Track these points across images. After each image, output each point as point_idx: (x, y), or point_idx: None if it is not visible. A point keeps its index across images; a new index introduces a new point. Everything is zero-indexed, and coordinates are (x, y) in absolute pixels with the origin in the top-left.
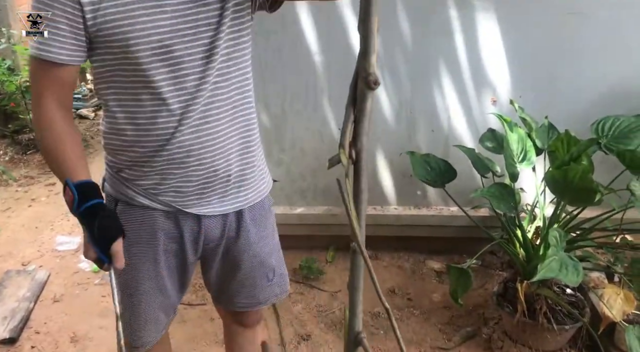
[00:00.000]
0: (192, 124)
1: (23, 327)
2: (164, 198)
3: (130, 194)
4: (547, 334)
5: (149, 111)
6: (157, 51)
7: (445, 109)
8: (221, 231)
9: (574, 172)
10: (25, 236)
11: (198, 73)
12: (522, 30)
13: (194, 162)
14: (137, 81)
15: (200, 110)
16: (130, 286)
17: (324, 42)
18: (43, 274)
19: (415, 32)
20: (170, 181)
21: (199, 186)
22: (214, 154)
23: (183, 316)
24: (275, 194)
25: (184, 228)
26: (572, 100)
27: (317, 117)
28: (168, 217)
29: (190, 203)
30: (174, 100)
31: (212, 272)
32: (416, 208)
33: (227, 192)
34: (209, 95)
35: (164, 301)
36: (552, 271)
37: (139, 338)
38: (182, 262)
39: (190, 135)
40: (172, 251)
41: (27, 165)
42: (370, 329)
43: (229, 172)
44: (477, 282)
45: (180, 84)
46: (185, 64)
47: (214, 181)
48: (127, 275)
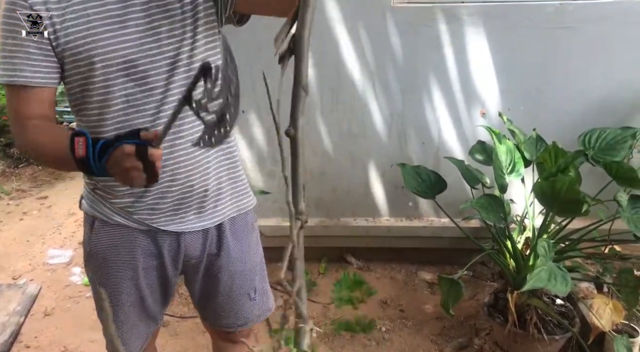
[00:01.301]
0: (166, 139)
1: (13, 341)
2: (139, 217)
3: (106, 212)
4: (537, 344)
5: (115, 129)
6: (121, 66)
7: (436, 121)
8: (202, 247)
9: (562, 184)
10: (17, 249)
11: (163, 87)
12: (510, 45)
13: (167, 178)
14: (103, 99)
15: (173, 129)
16: (109, 301)
17: (316, 57)
18: (34, 287)
19: (406, 45)
20: (146, 199)
21: (175, 202)
22: (188, 169)
23: (175, 328)
24: (268, 206)
25: (163, 246)
26: (560, 113)
27: (308, 129)
28: (146, 235)
29: (167, 220)
30: (139, 115)
31: (195, 287)
32: (408, 219)
33: (205, 207)
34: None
35: (145, 315)
36: (541, 281)
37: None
38: (163, 278)
39: (164, 151)
40: (152, 267)
41: (19, 178)
42: (364, 341)
43: (206, 187)
44: (468, 293)
45: (146, 98)
46: (150, 78)
47: (190, 197)
48: (106, 290)
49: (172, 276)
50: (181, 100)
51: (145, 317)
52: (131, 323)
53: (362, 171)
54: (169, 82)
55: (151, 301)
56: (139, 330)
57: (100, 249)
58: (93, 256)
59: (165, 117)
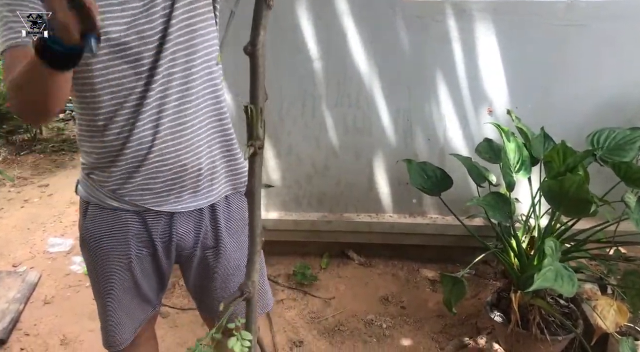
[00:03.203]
0: (150, 118)
1: (12, 328)
2: (130, 198)
3: (100, 196)
4: (539, 344)
5: (108, 105)
6: (114, 49)
7: (442, 118)
8: (194, 238)
9: (570, 183)
10: (17, 237)
11: (149, 63)
12: (519, 42)
13: (156, 158)
14: (94, 76)
15: (155, 102)
16: (104, 290)
17: (323, 48)
18: (34, 275)
19: (414, 40)
20: (137, 179)
21: (167, 182)
22: (178, 148)
23: (175, 320)
24: (270, 199)
25: (155, 234)
26: (568, 112)
27: (314, 124)
28: (138, 221)
29: (160, 201)
30: (127, 92)
31: (189, 278)
32: (411, 216)
33: (200, 186)
34: (164, 88)
35: (140, 302)
36: (548, 281)
37: (113, 339)
38: (156, 266)
39: (149, 131)
40: (145, 255)
41: (21, 166)
42: (364, 337)
43: (199, 166)
44: (470, 291)
45: (135, 75)
46: (142, 60)
47: (183, 176)
48: (100, 281)
49: (166, 265)
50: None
51: (140, 302)
52: (126, 307)
53: (366, 166)
54: (155, 58)
55: (146, 288)
56: (133, 314)
57: (94, 234)
58: (87, 241)
59: (149, 98)
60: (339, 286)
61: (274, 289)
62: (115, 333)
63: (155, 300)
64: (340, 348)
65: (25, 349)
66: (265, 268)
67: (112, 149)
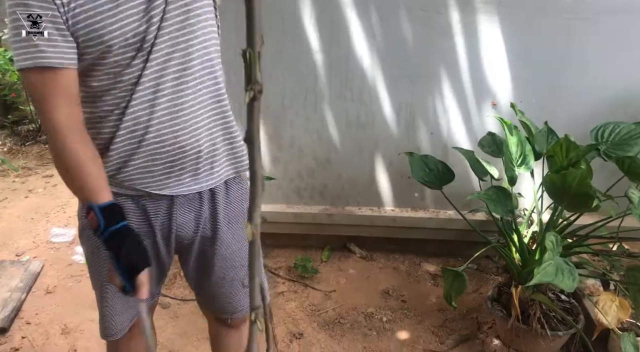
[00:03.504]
0: (145, 98)
1: (14, 317)
2: (130, 182)
3: None
4: (540, 339)
5: (103, 85)
6: (130, 41)
7: (445, 111)
8: (194, 227)
9: (573, 177)
10: (21, 226)
11: (151, 45)
12: (524, 35)
13: (154, 139)
14: (99, 63)
15: (151, 83)
16: (102, 281)
17: (325, 41)
18: (37, 265)
19: (417, 33)
20: (135, 162)
21: (167, 164)
22: (174, 130)
23: (176, 311)
24: (272, 192)
25: (155, 223)
26: (573, 106)
27: (316, 117)
28: (138, 209)
29: (160, 185)
30: (130, 74)
31: (189, 270)
32: (413, 210)
33: (200, 169)
34: (161, 68)
35: None
36: (548, 276)
37: (110, 329)
38: (156, 256)
39: (144, 111)
40: (145, 245)
41: (26, 156)
42: (364, 330)
43: (198, 147)
44: (472, 286)
45: (137, 58)
46: (146, 43)
47: (182, 158)
48: (99, 270)
49: (165, 255)
50: None
51: None
52: (123, 298)
53: (368, 160)
54: (153, 36)
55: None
56: (131, 305)
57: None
58: (85, 234)
59: (145, 77)
60: (339, 279)
61: (275, 281)
62: (112, 323)
63: (154, 291)
64: (340, 341)
65: (26, 338)
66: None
67: (109, 130)
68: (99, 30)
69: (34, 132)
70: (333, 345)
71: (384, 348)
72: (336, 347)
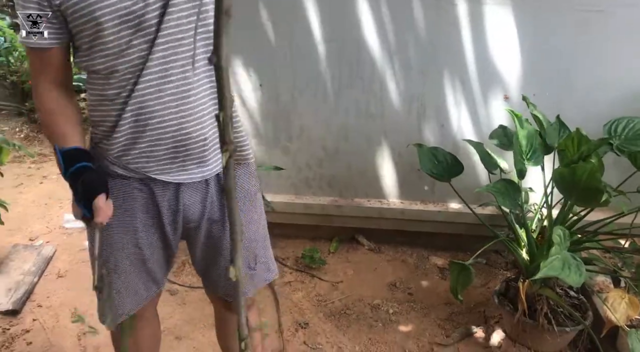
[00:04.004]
0: (151, 83)
1: (26, 300)
2: (135, 166)
3: (106, 164)
4: (547, 335)
5: (110, 66)
6: (124, 19)
7: (457, 104)
8: (201, 210)
9: (582, 171)
10: (35, 211)
11: (154, 26)
12: (539, 27)
13: (158, 124)
14: (99, 43)
15: (158, 68)
16: (109, 262)
17: (336, 31)
18: (49, 249)
19: (430, 23)
20: (141, 145)
21: (170, 150)
22: (180, 115)
23: (184, 298)
24: (281, 182)
25: (161, 204)
26: (587, 100)
27: (325, 107)
28: (145, 190)
29: (164, 169)
30: (132, 55)
31: (196, 253)
32: (422, 203)
33: (206, 156)
34: (168, 54)
35: (144, 275)
36: (554, 270)
37: (115, 312)
38: (162, 238)
39: (151, 95)
40: (151, 225)
41: (41, 143)
42: (369, 321)
43: (204, 135)
44: (480, 280)
45: (137, 39)
46: (144, 23)
47: (187, 145)
48: (106, 251)
49: (172, 238)
50: None
51: (144, 279)
52: (128, 281)
53: (377, 151)
54: (158, 21)
55: (152, 262)
56: (135, 290)
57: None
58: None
59: (151, 61)
60: (347, 270)
61: (282, 270)
62: (119, 306)
63: (160, 278)
64: (346, 331)
65: (37, 320)
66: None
67: (116, 113)
68: (90, 7)
69: None
70: (338, 335)
71: (390, 340)
72: (342, 338)
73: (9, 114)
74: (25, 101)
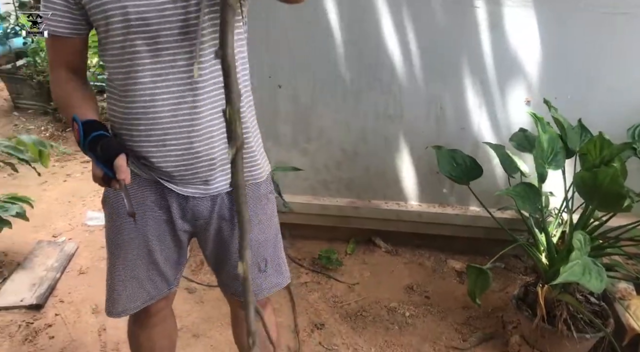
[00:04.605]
0: (167, 102)
1: (49, 295)
2: (148, 171)
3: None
4: (566, 341)
5: (125, 78)
6: (134, 24)
7: (477, 107)
8: (210, 207)
9: (604, 175)
10: (58, 209)
11: (173, 48)
12: (562, 29)
13: (170, 141)
14: (118, 53)
15: (175, 88)
16: (116, 251)
17: (355, 32)
18: (72, 246)
19: (451, 25)
20: (153, 159)
21: (179, 167)
22: (192, 135)
23: (202, 296)
24: (299, 183)
25: (171, 199)
26: (610, 104)
27: (345, 108)
28: (155, 186)
29: (174, 181)
30: (146, 73)
31: (207, 252)
32: (440, 206)
33: (213, 175)
34: (185, 76)
35: (155, 272)
36: (575, 275)
37: (114, 306)
38: (173, 233)
39: (166, 114)
40: (162, 219)
41: (66, 142)
42: (386, 324)
43: (212, 155)
44: (498, 285)
45: (155, 58)
46: (161, 38)
47: (195, 164)
48: (114, 240)
49: (182, 233)
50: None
51: (154, 275)
52: (135, 273)
53: (396, 154)
54: (179, 45)
55: (161, 258)
56: (142, 286)
57: (112, 193)
58: (106, 201)
59: (168, 81)
60: (363, 272)
61: (298, 271)
62: (117, 297)
63: (172, 277)
64: (362, 333)
65: (59, 315)
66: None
67: (128, 122)
68: (103, 5)
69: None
70: (354, 337)
71: (406, 343)
72: (357, 340)
73: (35, 113)
74: (51, 100)
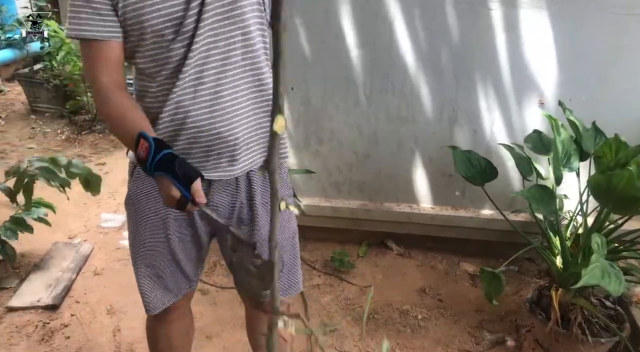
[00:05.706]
0: (188, 84)
1: (65, 295)
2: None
3: None
4: (580, 345)
5: (149, 68)
6: (167, 24)
7: (490, 109)
8: (230, 207)
9: (619, 178)
10: (74, 210)
11: (191, 31)
12: (575, 31)
13: (193, 125)
14: (142, 44)
15: (194, 70)
16: (140, 252)
17: (368, 34)
18: (87, 248)
19: (464, 28)
20: (178, 143)
21: (204, 149)
22: (214, 116)
23: (215, 298)
24: (311, 185)
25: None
26: (625, 106)
27: (356, 111)
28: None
29: (199, 166)
30: (170, 58)
31: (226, 254)
32: (453, 209)
33: (236, 156)
34: (204, 57)
35: (178, 271)
36: (595, 278)
37: (147, 302)
38: (193, 232)
39: (187, 95)
40: (183, 220)
41: (81, 145)
42: (398, 327)
43: (235, 136)
44: (512, 288)
45: (175, 43)
46: (183, 28)
47: (219, 145)
48: (138, 242)
49: (203, 233)
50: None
51: (176, 275)
52: (158, 274)
53: (408, 156)
54: (195, 26)
55: (183, 258)
56: (165, 285)
57: (137, 193)
58: (131, 199)
59: (187, 66)
60: (376, 274)
61: (311, 274)
62: (148, 296)
63: (192, 276)
64: (374, 336)
65: (75, 315)
66: (298, 251)
67: (155, 112)
68: (139, 10)
69: (90, 122)
70: (366, 339)
71: (418, 345)
72: (369, 342)
73: (51, 117)
74: (67, 104)
